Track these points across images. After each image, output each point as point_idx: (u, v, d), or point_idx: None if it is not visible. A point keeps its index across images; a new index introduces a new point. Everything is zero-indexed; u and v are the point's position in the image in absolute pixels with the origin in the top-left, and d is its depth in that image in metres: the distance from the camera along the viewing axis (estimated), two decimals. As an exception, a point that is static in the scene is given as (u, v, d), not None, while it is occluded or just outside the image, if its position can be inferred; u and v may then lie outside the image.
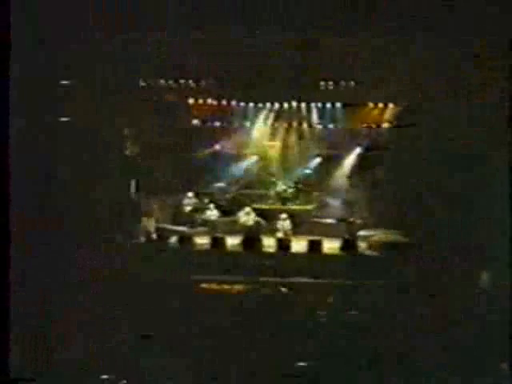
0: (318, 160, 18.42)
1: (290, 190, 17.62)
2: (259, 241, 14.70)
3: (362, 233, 15.68)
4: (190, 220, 16.61)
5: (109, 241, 13.24)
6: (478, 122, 13.13)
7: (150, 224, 15.68)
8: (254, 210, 16.41)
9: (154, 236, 15.36)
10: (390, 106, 17.14)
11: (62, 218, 12.73)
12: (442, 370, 8.75)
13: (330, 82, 16.24)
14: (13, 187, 8.76)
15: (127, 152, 15.88)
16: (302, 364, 8.98)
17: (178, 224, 16.60)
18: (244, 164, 18.62)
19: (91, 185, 13.48)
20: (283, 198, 17.48)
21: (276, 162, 18.66)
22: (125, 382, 8.33)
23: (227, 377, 8.59)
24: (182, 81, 16.26)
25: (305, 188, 17.84)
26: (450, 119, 13.75)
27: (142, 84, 15.66)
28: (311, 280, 12.78)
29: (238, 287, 12.46)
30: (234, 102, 17.48)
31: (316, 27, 12.57)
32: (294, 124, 18.24)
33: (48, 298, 10.25)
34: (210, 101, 17.29)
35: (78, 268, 11.79)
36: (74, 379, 8.38)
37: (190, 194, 17.28)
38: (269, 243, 14.75)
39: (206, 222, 16.33)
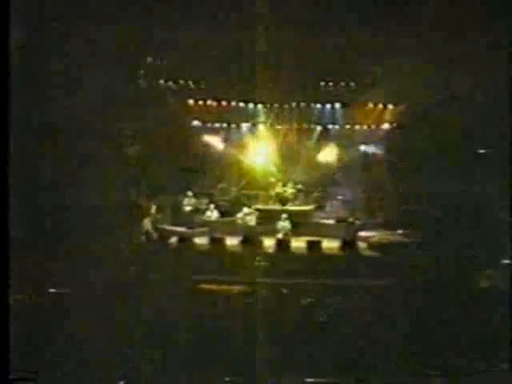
0: (318, 160, 18.41)
1: (290, 191, 17.59)
2: (259, 241, 14.69)
3: (361, 233, 15.66)
4: (190, 220, 16.59)
5: (109, 241, 13.23)
6: (478, 121, 13.14)
7: (150, 224, 15.67)
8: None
9: (154, 236, 15.35)
10: (390, 106, 17.14)
11: (61, 218, 12.74)
12: (442, 369, 8.76)
13: (331, 83, 16.28)
14: (13, 187, 8.75)
15: (127, 152, 15.87)
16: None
17: (178, 224, 16.58)
18: (244, 164, 18.60)
19: (91, 185, 13.48)
20: (283, 199, 17.46)
21: (276, 162, 18.63)
22: (125, 381, 8.34)
23: (226, 376, 8.60)
24: (181, 81, 16.30)
25: (305, 188, 17.82)
26: (450, 119, 13.77)
27: (143, 84, 15.69)
28: (311, 280, 12.76)
29: (237, 287, 12.45)
30: (233, 102, 17.49)
31: (317, 27, 12.59)
32: (294, 124, 18.24)
33: (48, 297, 10.25)
34: (209, 101, 17.30)
35: (78, 268, 11.79)
36: (74, 379, 8.38)
37: (190, 195, 17.27)
38: (269, 244, 14.74)
39: (205, 223, 16.32)
